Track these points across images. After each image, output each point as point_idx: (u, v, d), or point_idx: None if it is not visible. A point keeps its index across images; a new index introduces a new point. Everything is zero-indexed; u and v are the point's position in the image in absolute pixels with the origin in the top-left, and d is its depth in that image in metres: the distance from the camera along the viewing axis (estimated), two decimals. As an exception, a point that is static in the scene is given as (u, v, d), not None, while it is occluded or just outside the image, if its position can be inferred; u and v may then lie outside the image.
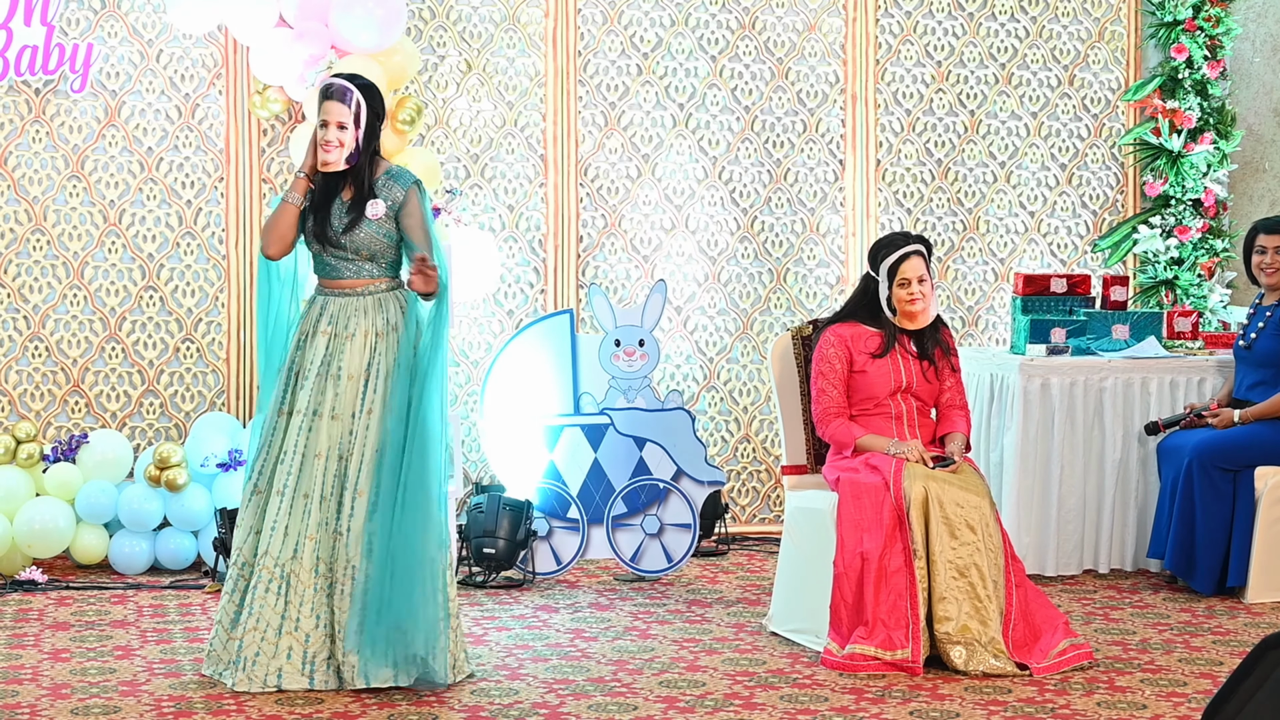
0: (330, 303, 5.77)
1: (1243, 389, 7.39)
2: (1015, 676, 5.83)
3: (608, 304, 7.55)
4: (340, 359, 5.70)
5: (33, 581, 7.25)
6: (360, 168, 5.76)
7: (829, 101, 8.50)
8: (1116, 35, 8.73)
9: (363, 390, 5.69)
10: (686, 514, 7.48)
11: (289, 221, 5.77)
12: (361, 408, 5.68)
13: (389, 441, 5.66)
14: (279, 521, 5.64)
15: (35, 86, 7.80)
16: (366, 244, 5.74)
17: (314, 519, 5.65)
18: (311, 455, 5.67)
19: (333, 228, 5.73)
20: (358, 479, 5.64)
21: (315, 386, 5.69)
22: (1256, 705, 3.38)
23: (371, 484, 5.64)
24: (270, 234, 5.79)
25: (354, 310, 5.74)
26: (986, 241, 8.68)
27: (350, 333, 5.72)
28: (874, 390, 6.31)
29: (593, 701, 5.52)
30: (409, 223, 5.76)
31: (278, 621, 5.62)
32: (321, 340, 5.73)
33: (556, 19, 8.25)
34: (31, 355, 7.87)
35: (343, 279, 5.78)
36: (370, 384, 5.70)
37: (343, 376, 5.69)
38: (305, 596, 5.63)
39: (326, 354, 5.71)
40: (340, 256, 5.76)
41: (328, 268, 5.79)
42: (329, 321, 5.74)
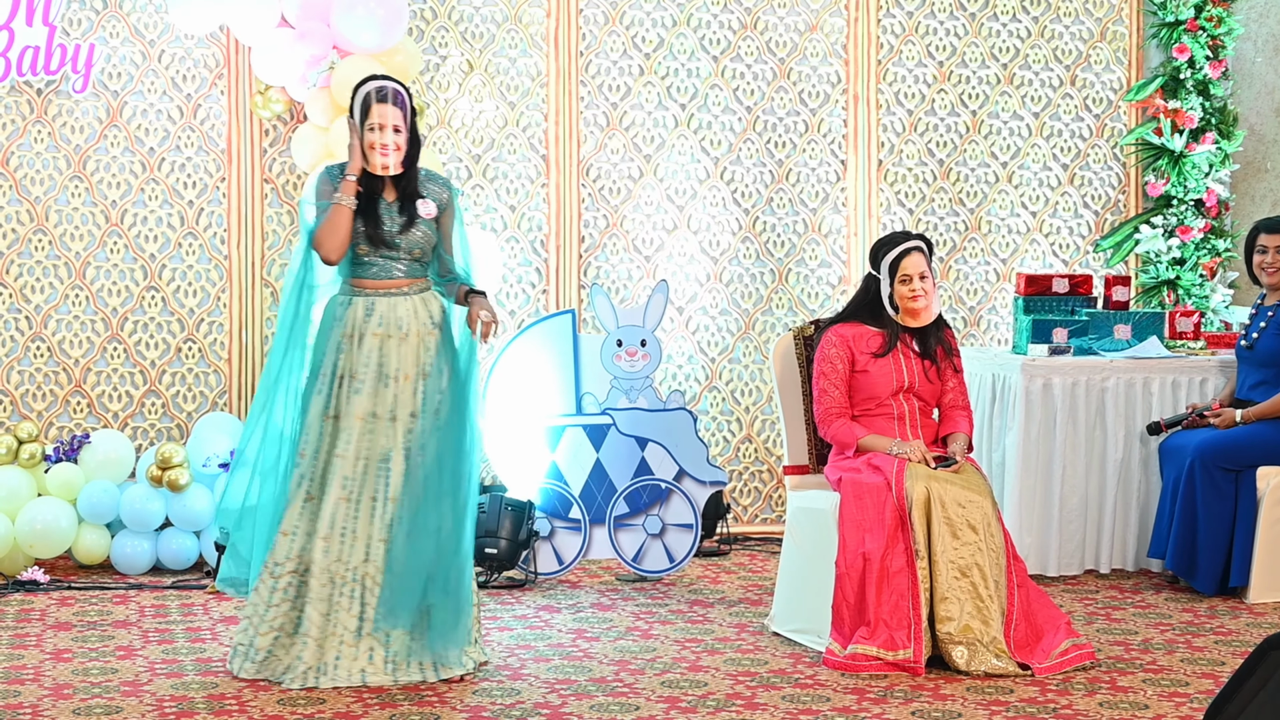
0: (378, 303, 5.76)
1: (1244, 389, 7.39)
2: (1017, 677, 5.83)
3: (609, 304, 7.55)
4: (396, 360, 5.71)
5: (35, 582, 7.25)
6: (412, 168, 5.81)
7: (831, 101, 8.50)
8: (1118, 35, 8.73)
9: (423, 389, 5.72)
10: (688, 514, 7.48)
11: (347, 225, 5.74)
12: (425, 407, 5.71)
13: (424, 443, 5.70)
14: (346, 526, 5.66)
15: (37, 87, 7.80)
16: (420, 244, 5.78)
17: (382, 521, 5.67)
18: (377, 459, 5.67)
19: (386, 228, 5.75)
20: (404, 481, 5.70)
21: (371, 390, 5.69)
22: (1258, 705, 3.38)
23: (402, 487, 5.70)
24: (331, 239, 5.73)
25: (405, 310, 5.76)
26: (988, 241, 8.68)
27: (404, 333, 5.73)
28: (876, 390, 6.31)
29: (595, 702, 5.52)
30: (449, 223, 5.85)
31: (355, 625, 5.65)
32: (373, 342, 5.72)
33: (558, 19, 8.25)
34: (33, 355, 7.88)
35: (393, 278, 5.78)
36: (425, 384, 5.73)
37: (400, 378, 5.70)
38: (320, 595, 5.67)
39: (380, 356, 5.71)
40: (391, 257, 5.76)
41: (375, 269, 5.78)
42: (380, 323, 5.73)
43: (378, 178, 5.78)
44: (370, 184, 5.79)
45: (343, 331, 5.76)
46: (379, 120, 5.71)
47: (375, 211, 5.77)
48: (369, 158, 5.75)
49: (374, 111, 5.72)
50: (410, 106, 5.79)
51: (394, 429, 5.69)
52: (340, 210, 5.73)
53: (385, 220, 5.77)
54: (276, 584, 5.72)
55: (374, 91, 5.74)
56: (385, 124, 5.71)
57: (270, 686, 5.67)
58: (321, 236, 5.75)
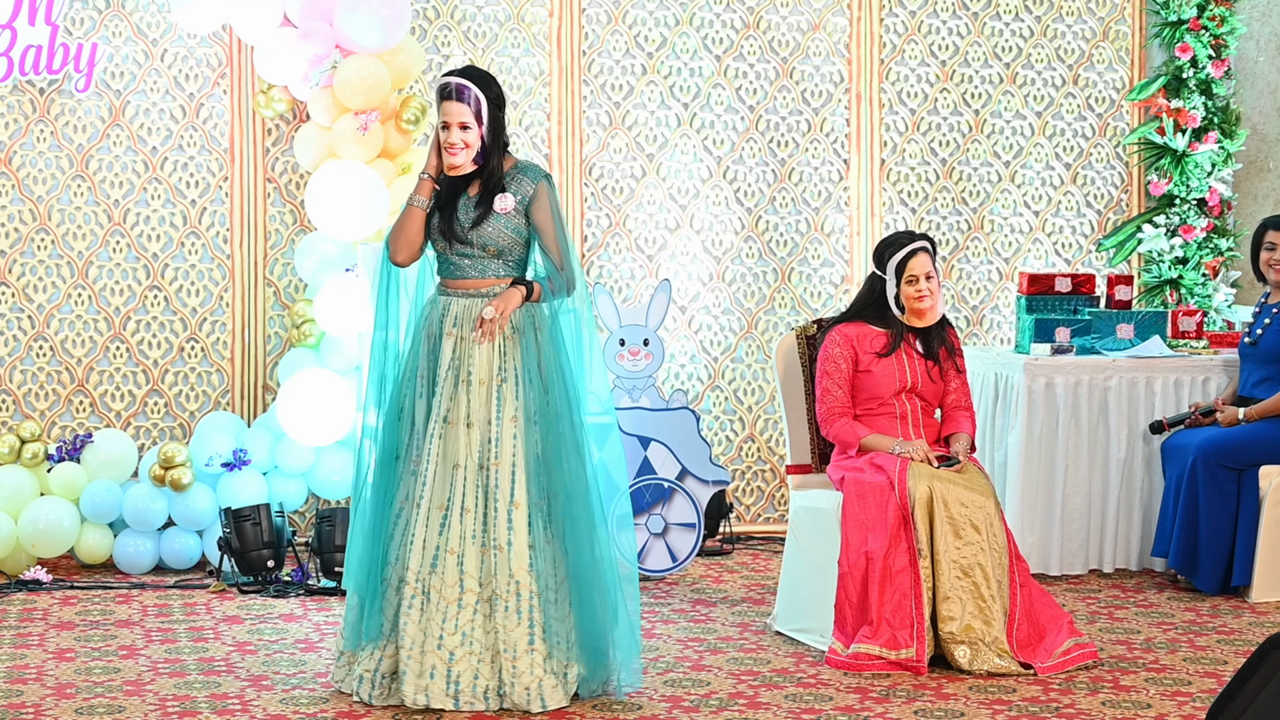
0: (454, 303, 5.54)
1: (1248, 386, 7.39)
2: (1020, 676, 5.83)
3: (612, 303, 7.55)
4: (470, 363, 5.47)
5: (37, 581, 7.25)
6: (490, 162, 5.58)
7: (833, 101, 8.50)
8: (1121, 34, 8.73)
9: (496, 395, 5.46)
10: (691, 513, 7.48)
11: (416, 226, 5.56)
12: (499, 414, 5.45)
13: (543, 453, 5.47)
14: (415, 534, 5.40)
15: (40, 86, 7.81)
16: (494, 239, 5.52)
17: (454, 531, 5.40)
18: (449, 465, 5.44)
19: (459, 223, 5.52)
20: (512, 490, 5.42)
21: (446, 393, 5.47)
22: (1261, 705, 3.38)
23: (528, 496, 5.44)
24: (398, 239, 5.55)
25: (479, 311, 5.50)
26: (991, 241, 8.68)
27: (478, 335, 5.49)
28: (879, 390, 6.31)
29: (597, 700, 5.51)
30: (540, 218, 5.54)
31: (421, 639, 5.38)
32: (448, 343, 5.50)
33: (561, 18, 8.25)
34: (36, 355, 7.88)
35: (468, 278, 5.55)
36: (505, 389, 5.47)
37: (474, 381, 5.46)
38: (449, 614, 5.38)
39: (454, 358, 5.49)
40: (465, 254, 5.54)
41: (452, 267, 5.56)
42: (454, 323, 5.52)
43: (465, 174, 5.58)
44: (454, 180, 5.58)
45: (427, 331, 5.57)
46: (445, 118, 5.49)
47: (453, 206, 5.56)
48: (444, 158, 5.55)
49: (441, 109, 5.52)
50: (485, 98, 5.52)
51: (473, 435, 5.44)
52: (411, 211, 5.56)
53: (460, 215, 5.54)
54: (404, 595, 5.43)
55: (443, 87, 5.53)
56: (451, 122, 5.50)
57: (273, 686, 5.67)
58: (391, 236, 5.59)
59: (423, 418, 5.50)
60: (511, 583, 5.38)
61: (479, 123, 5.52)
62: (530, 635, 5.39)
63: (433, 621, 5.38)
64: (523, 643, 5.38)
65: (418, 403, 5.53)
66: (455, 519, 5.41)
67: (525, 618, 5.38)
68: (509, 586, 5.38)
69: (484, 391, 5.47)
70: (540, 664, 5.39)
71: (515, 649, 5.37)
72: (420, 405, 5.52)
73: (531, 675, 5.37)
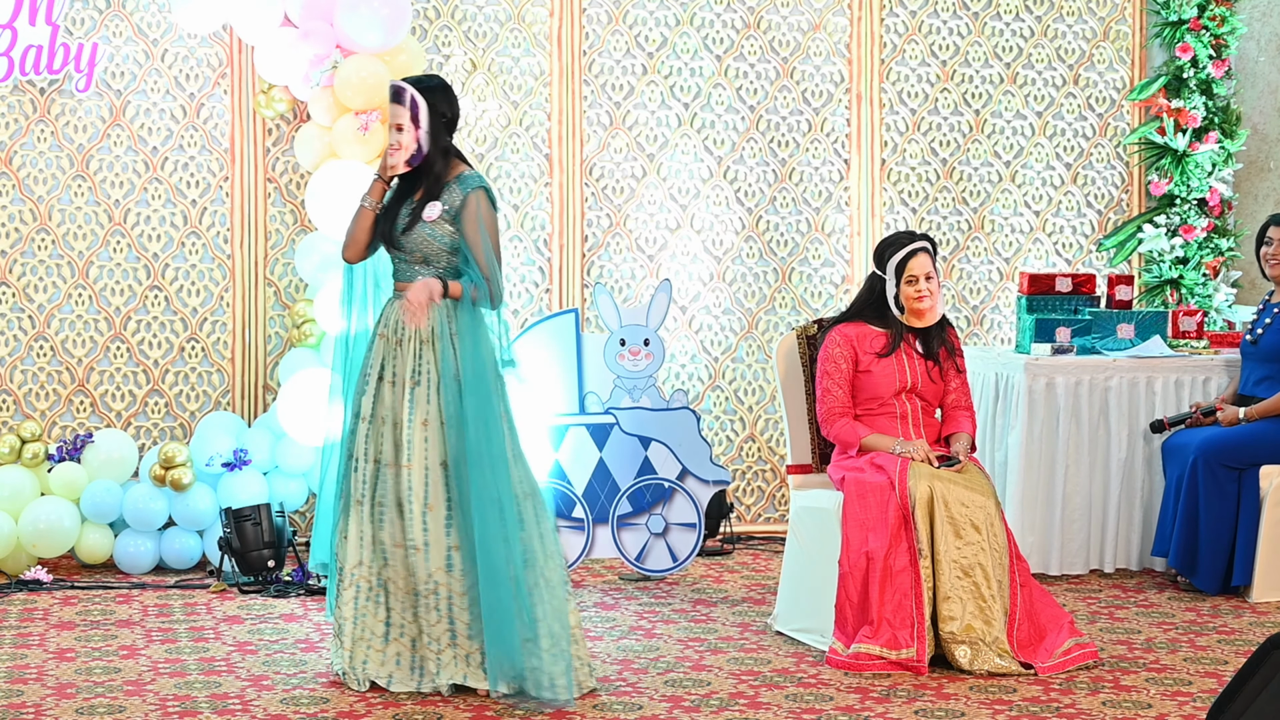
0: (391, 306, 5.73)
1: (1249, 385, 7.39)
2: (1020, 676, 5.83)
3: (613, 303, 7.55)
4: (395, 364, 5.64)
5: (38, 581, 7.25)
6: (431, 169, 5.67)
7: (834, 101, 8.50)
8: (1121, 34, 8.72)
9: (410, 398, 5.59)
10: (691, 513, 7.48)
11: (363, 225, 5.72)
12: (411, 416, 5.57)
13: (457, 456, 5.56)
14: (365, 531, 5.61)
15: (40, 86, 7.81)
16: (420, 246, 5.65)
17: (396, 527, 5.59)
18: (383, 463, 5.61)
19: (394, 228, 5.68)
20: (426, 493, 5.55)
21: (375, 391, 5.65)
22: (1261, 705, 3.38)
23: (444, 498, 5.56)
24: (347, 237, 5.76)
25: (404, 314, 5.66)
26: (991, 241, 8.68)
27: (398, 337, 5.65)
28: (879, 390, 6.31)
29: (598, 701, 5.52)
30: (467, 229, 5.63)
31: (382, 630, 5.61)
32: (380, 344, 5.69)
33: (561, 18, 8.25)
34: (36, 355, 7.88)
35: (403, 280, 5.71)
36: (420, 392, 5.59)
37: (397, 382, 5.63)
38: (406, 603, 5.61)
39: (383, 359, 5.67)
40: (400, 258, 5.71)
41: (395, 269, 5.76)
42: (385, 325, 5.70)
43: (413, 178, 5.70)
44: (404, 184, 5.73)
45: (374, 332, 5.75)
46: (387, 119, 5.69)
47: (394, 211, 5.71)
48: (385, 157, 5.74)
49: (388, 111, 5.69)
50: (425, 102, 5.62)
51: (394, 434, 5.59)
52: (360, 210, 5.73)
53: (398, 220, 5.69)
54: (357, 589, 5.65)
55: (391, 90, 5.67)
56: (390, 122, 5.68)
57: (273, 686, 5.67)
58: (345, 235, 5.78)
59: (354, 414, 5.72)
60: (430, 582, 5.56)
61: (415, 125, 5.64)
62: (451, 631, 5.57)
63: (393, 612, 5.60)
64: (445, 638, 5.57)
65: (362, 400, 5.70)
66: (391, 514, 5.60)
67: (445, 615, 5.57)
68: (428, 585, 5.56)
69: (402, 391, 5.62)
70: (463, 658, 5.56)
71: (439, 642, 5.57)
72: (365, 402, 5.70)
73: (456, 668, 5.56)
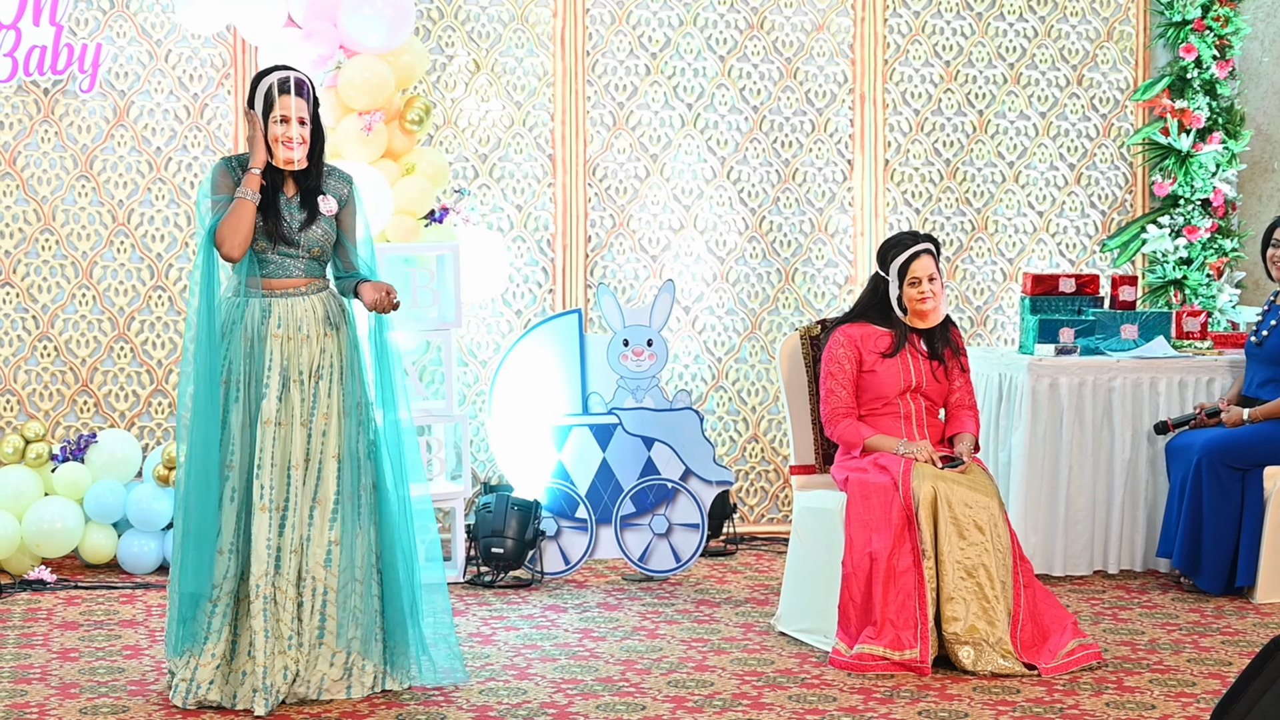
0: (276, 304, 5.54)
1: (1253, 386, 7.38)
2: (1023, 677, 5.83)
3: (616, 304, 7.55)
4: (298, 362, 5.53)
5: (41, 581, 7.25)
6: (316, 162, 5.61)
7: (837, 101, 8.50)
8: (1125, 35, 8.72)
9: (314, 392, 5.54)
10: (694, 514, 7.48)
11: (251, 220, 5.49)
12: (315, 410, 5.53)
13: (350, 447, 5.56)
14: (271, 540, 5.46)
15: (44, 86, 7.81)
16: (319, 241, 5.58)
17: (296, 532, 5.49)
18: (287, 466, 5.50)
19: (287, 225, 5.54)
20: (317, 486, 5.52)
21: (274, 394, 5.50)
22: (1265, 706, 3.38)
23: (338, 491, 5.53)
24: (235, 234, 5.46)
25: (304, 310, 5.56)
26: (995, 241, 8.67)
27: (305, 334, 5.54)
28: (883, 390, 6.31)
29: (601, 701, 5.52)
30: (350, 220, 5.65)
31: (263, 642, 5.43)
32: (274, 344, 5.52)
33: (565, 18, 8.25)
34: (40, 355, 7.88)
35: (290, 278, 5.57)
36: (322, 386, 5.54)
37: (303, 380, 5.53)
38: (290, 611, 5.49)
39: (284, 358, 5.53)
40: (290, 255, 5.56)
41: (272, 266, 5.56)
42: (279, 323, 5.53)
43: (278, 172, 5.57)
44: (272, 178, 5.56)
45: (244, 333, 5.54)
46: (283, 112, 5.49)
47: (276, 207, 5.55)
48: (273, 151, 5.53)
49: (279, 103, 5.50)
50: (315, 98, 5.60)
51: (302, 434, 5.50)
52: (244, 204, 5.47)
53: (285, 216, 5.55)
54: (215, 608, 5.50)
55: (278, 83, 5.52)
56: (290, 116, 5.50)
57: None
58: (225, 232, 5.46)
59: (240, 422, 5.52)
60: (308, 577, 5.50)
61: (312, 121, 5.58)
62: (320, 629, 5.51)
63: (281, 622, 5.48)
64: (312, 636, 5.51)
65: (232, 406, 5.53)
66: (296, 517, 5.50)
67: (317, 613, 5.50)
68: (307, 582, 5.50)
69: (311, 387, 5.55)
70: (327, 658, 5.51)
71: (308, 641, 5.51)
72: (235, 409, 5.53)
73: (317, 668, 5.51)
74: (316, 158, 5.62)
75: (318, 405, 5.54)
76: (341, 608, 5.52)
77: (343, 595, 5.52)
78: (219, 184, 5.56)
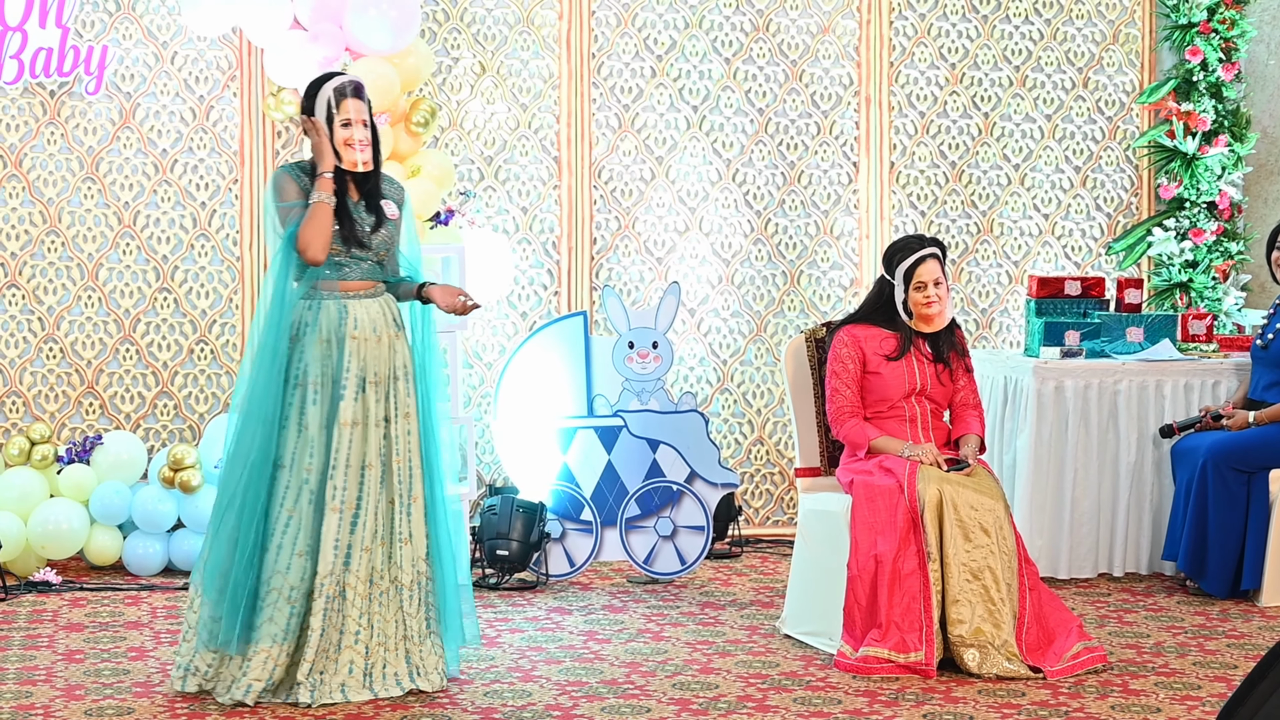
0: (352, 305, 5.61)
1: (1258, 389, 7.38)
2: (1029, 679, 5.82)
3: (621, 306, 7.55)
4: (374, 363, 5.59)
5: (47, 583, 7.26)
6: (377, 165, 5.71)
7: (843, 104, 8.50)
8: (1131, 38, 8.72)
9: (389, 393, 5.61)
10: (700, 516, 7.47)
11: (331, 224, 5.55)
12: (396, 411, 5.61)
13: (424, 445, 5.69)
14: (340, 539, 5.50)
15: (50, 88, 7.82)
16: (386, 244, 5.69)
17: (368, 530, 5.53)
18: (361, 465, 5.54)
19: (360, 229, 5.61)
20: (411, 484, 5.63)
21: (351, 396, 5.53)
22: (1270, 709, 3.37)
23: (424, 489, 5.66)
24: (319, 238, 5.51)
25: (375, 312, 5.63)
26: (1000, 244, 8.67)
27: (377, 336, 5.61)
28: (888, 392, 6.31)
29: (606, 703, 5.52)
30: (408, 226, 5.79)
31: (336, 637, 5.51)
32: (352, 345, 5.56)
33: (570, 21, 8.25)
34: (46, 357, 7.89)
35: (363, 280, 5.65)
36: (399, 386, 5.63)
37: (378, 381, 5.59)
38: (361, 608, 5.53)
39: (361, 360, 5.57)
40: (361, 258, 5.63)
41: (345, 269, 5.62)
42: (356, 325, 5.58)
43: (341, 177, 5.61)
44: (339, 184, 5.61)
45: (318, 336, 5.57)
46: (348, 116, 5.55)
47: (348, 211, 5.61)
48: (341, 154, 5.57)
49: (345, 107, 5.55)
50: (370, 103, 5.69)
51: (376, 434, 5.56)
52: (323, 208, 5.52)
53: (357, 220, 5.62)
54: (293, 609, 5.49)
55: (343, 86, 5.58)
56: (354, 119, 5.56)
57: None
58: (308, 236, 5.51)
59: (318, 423, 5.54)
60: (413, 572, 5.62)
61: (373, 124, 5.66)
62: (427, 620, 5.66)
63: (348, 618, 5.52)
64: (422, 628, 5.64)
65: (309, 409, 5.54)
66: (370, 516, 5.55)
67: (423, 605, 5.64)
68: (413, 576, 5.61)
69: (383, 391, 5.61)
70: (435, 648, 5.67)
71: (419, 634, 5.63)
72: (313, 411, 5.54)
73: (433, 658, 5.65)
74: (377, 162, 5.70)
75: (398, 406, 5.62)
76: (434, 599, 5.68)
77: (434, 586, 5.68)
78: (285, 190, 5.62)
